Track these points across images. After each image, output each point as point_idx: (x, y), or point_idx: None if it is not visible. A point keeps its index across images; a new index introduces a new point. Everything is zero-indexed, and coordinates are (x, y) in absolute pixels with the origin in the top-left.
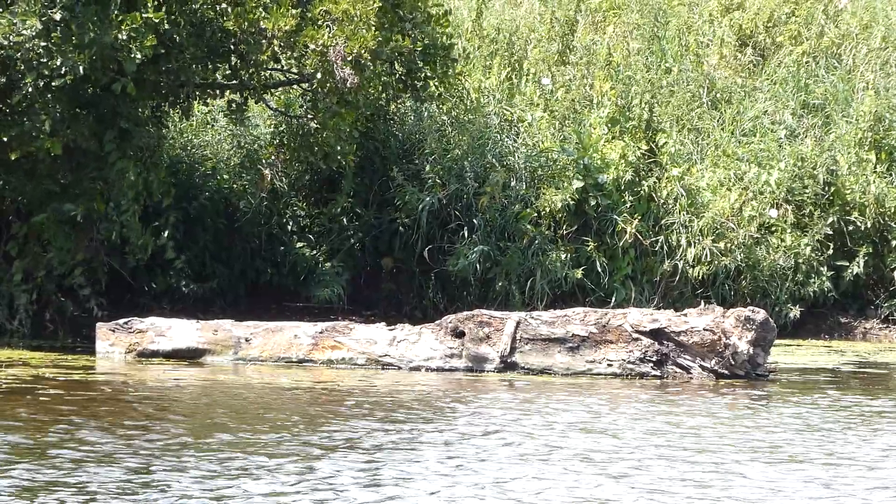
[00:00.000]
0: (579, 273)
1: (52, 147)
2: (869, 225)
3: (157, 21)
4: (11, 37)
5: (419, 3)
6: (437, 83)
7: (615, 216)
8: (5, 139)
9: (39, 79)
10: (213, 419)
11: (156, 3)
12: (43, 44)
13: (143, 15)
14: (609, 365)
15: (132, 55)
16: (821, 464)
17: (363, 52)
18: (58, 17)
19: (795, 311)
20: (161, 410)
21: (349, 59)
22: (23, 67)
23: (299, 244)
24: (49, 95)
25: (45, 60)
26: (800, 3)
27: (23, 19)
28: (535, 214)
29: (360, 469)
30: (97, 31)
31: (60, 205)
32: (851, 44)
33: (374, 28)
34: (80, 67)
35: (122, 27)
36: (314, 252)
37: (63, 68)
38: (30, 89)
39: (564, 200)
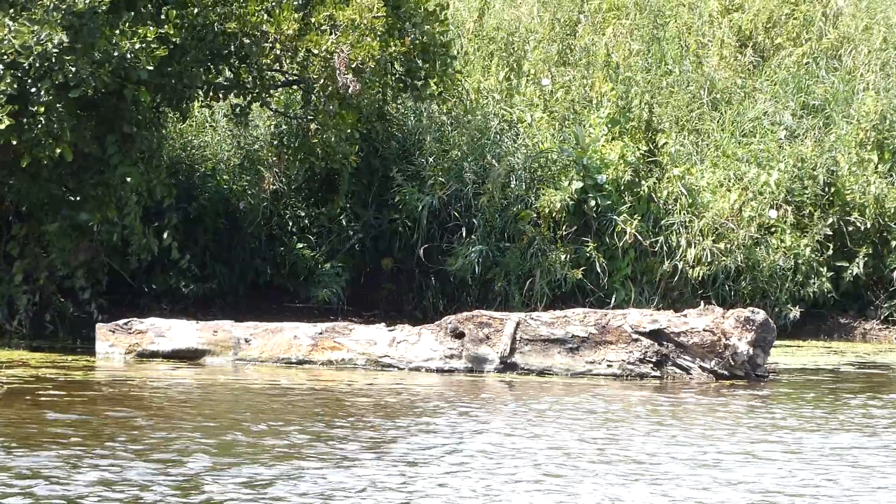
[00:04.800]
0: (579, 274)
1: (65, 152)
2: (869, 225)
3: (174, 39)
4: (28, 43)
5: (419, 2)
6: (436, 81)
7: (615, 216)
8: (14, 143)
9: (53, 88)
10: (209, 420)
11: (157, 6)
12: (56, 51)
13: (161, 30)
14: (609, 366)
15: (142, 65)
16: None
17: (368, 60)
18: (68, 24)
19: (795, 312)
20: (159, 411)
21: (353, 66)
22: (35, 74)
23: (299, 244)
24: (51, 98)
25: (57, 67)
26: (798, 4)
27: (42, 27)
28: (535, 215)
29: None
30: (107, 41)
31: (70, 211)
32: (851, 45)
33: (379, 36)
34: (99, 76)
35: (135, 38)
36: (314, 252)
37: (80, 76)
38: (49, 97)
39: (564, 201)
